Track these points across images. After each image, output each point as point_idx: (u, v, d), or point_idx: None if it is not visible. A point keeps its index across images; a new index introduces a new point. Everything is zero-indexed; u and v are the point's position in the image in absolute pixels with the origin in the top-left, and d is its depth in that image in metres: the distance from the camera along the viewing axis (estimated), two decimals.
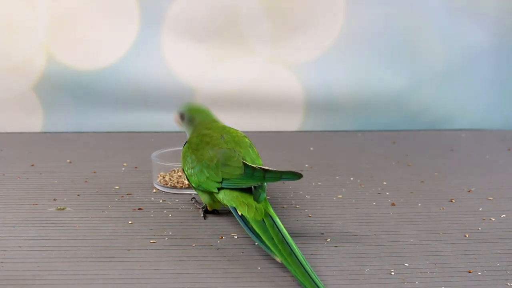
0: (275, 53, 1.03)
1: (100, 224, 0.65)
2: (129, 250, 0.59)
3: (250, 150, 0.65)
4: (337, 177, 0.81)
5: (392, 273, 0.56)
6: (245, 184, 0.61)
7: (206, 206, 0.68)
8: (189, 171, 0.66)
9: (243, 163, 0.62)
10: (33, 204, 0.70)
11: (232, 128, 0.68)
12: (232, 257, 0.58)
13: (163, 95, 1.02)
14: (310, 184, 0.78)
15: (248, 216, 0.60)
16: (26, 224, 0.65)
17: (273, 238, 0.57)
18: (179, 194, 0.74)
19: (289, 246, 0.56)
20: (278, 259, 0.56)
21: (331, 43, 1.03)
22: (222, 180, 0.62)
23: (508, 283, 0.54)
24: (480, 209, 0.71)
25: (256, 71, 1.03)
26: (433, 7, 1.03)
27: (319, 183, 0.78)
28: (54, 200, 0.71)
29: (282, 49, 1.03)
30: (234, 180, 0.61)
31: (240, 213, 0.61)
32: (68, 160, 0.86)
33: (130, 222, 0.66)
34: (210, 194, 0.65)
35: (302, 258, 0.55)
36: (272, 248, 0.57)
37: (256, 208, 0.60)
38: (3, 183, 0.77)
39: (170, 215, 0.68)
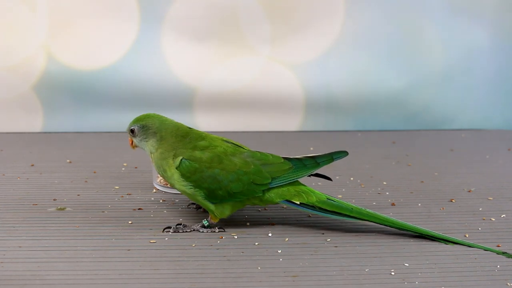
0: (275, 53, 1.03)
1: (100, 224, 0.65)
2: (129, 250, 0.59)
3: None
4: (337, 177, 0.81)
5: (392, 273, 0.56)
6: (301, 175, 0.64)
7: (211, 223, 0.64)
8: (212, 186, 0.61)
9: (284, 157, 0.64)
10: (33, 204, 0.70)
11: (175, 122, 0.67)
12: (232, 257, 0.59)
13: (163, 95, 1.02)
14: (310, 184, 0.78)
15: (311, 201, 0.63)
16: (26, 224, 0.65)
17: (352, 209, 0.63)
18: (179, 194, 0.74)
19: (367, 210, 0.63)
20: (368, 222, 0.64)
21: (331, 43, 1.03)
22: (272, 179, 0.63)
23: (508, 283, 0.54)
24: (480, 209, 0.71)
25: (256, 71, 1.03)
26: (433, 7, 1.03)
27: (319, 183, 0.78)
28: (54, 200, 0.71)
29: (282, 49, 1.03)
30: (286, 175, 0.63)
31: (298, 202, 0.63)
32: (68, 160, 0.86)
33: (130, 222, 0.66)
34: (240, 202, 0.63)
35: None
36: (358, 216, 0.63)
37: (312, 191, 0.64)
38: (3, 183, 0.77)
39: (170, 215, 0.68)
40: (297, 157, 0.65)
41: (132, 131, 0.65)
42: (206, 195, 0.62)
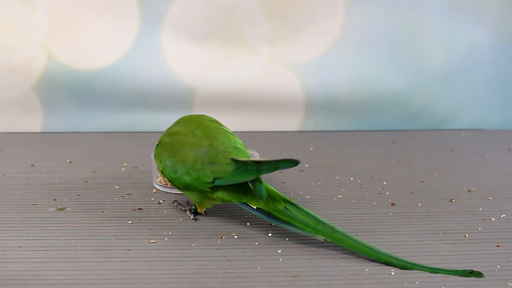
0: (275, 53, 1.03)
1: (100, 224, 0.65)
2: (129, 250, 0.59)
3: (224, 136, 0.64)
4: (337, 177, 0.81)
5: (392, 273, 0.56)
6: (241, 179, 0.60)
7: (196, 208, 0.67)
8: (171, 175, 0.64)
9: (232, 158, 0.60)
10: (33, 204, 0.70)
11: (197, 115, 0.68)
12: (232, 257, 0.59)
13: (163, 95, 1.02)
14: (310, 184, 0.78)
15: (267, 208, 0.61)
16: (26, 224, 0.65)
17: (308, 222, 0.59)
18: (179, 194, 0.74)
19: (327, 224, 0.59)
20: (322, 238, 0.59)
21: (331, 43, 1.03)
22: (214, 179, 0.61)
23: (508, 283, 0.54)
24: (480, 209, 0.71)
25: (256, 71, 1.03)
26: (433, 7, 1.03)
27: (319, 183, 0.78)
28: (54, 200, 0.71)
29: (282, 49, 1.03)
30: (228, 177, 0.60)
31: (255, 207, 0.61)
32: (68, 160, 0.86)
33: (130, 222, 0.66)
34: (203, 193, 0.63)
35: (344, 231, 0.59)
36: (312, 231, 0.59)
37: (272, 198, 0.61)
38: (3, 183, 0.77)
39: (170, 215, 0.68)
40: (244, 160, 0.60)
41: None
42: (170, 180, 0.65)
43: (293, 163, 0.57)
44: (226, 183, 0.61)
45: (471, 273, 0.55)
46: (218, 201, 0.64)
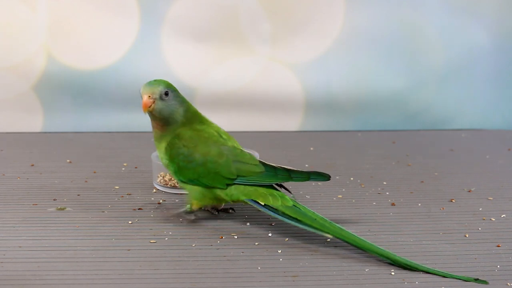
0: (275, 53, 1.03)
1: (100, 224, 0.65)
2: (129, 250, 0.59)
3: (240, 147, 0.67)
4: (337, 177, 0.81)
5: (392, 273, 0.56)
6: (269, 181, 0.63)
7: (192, 209, 0.66)
8: (181, 163, 0.64)
9: (260, 161, 0.64)
10: (33, 204, 0.70)
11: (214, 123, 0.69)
12: (232, 257, 0.59)
13: None
14: (310, 184, 0.78)
15: (276, 205, 0.62)
16: (26, 224, 0.65)
17: (315, 219, 0.60)
18: (179, 194, 0.74)
19: (333, 223, 0.60)
20: (329, 236, 0.59)
21: (331, 43, 1.03)
22: (238, 177, 0.63)
23: (508, 283, 0.54)
24: (480, 209, 0.71)
25: (256, 71, 1.03)
26: (433, 7, 1.03)
27: (319, 183, 0.78)
28: (54, 200, 0.71)
29: (282, 49, 1.03)
30: (254, 177, 0.63)
31: (263, 203, 0.62)
32: (68, 160, 0.86)
33: (130, 222, 0.66)
34: (210, 189, 0.64)
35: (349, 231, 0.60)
36: (320, 228, 0.60)
37: (280, 196, 0.62)
38: (3, 183, 0.77)
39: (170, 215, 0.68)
40: (273, 165, 0.63)
41: (166, 93, 0.63)
42: (176, 170, 0.64)
43: (325, 177, 0.63)
44: (249, 183, 0.63)
45: (476, 280, 0.55)
46: (221, 201, 0.65)
